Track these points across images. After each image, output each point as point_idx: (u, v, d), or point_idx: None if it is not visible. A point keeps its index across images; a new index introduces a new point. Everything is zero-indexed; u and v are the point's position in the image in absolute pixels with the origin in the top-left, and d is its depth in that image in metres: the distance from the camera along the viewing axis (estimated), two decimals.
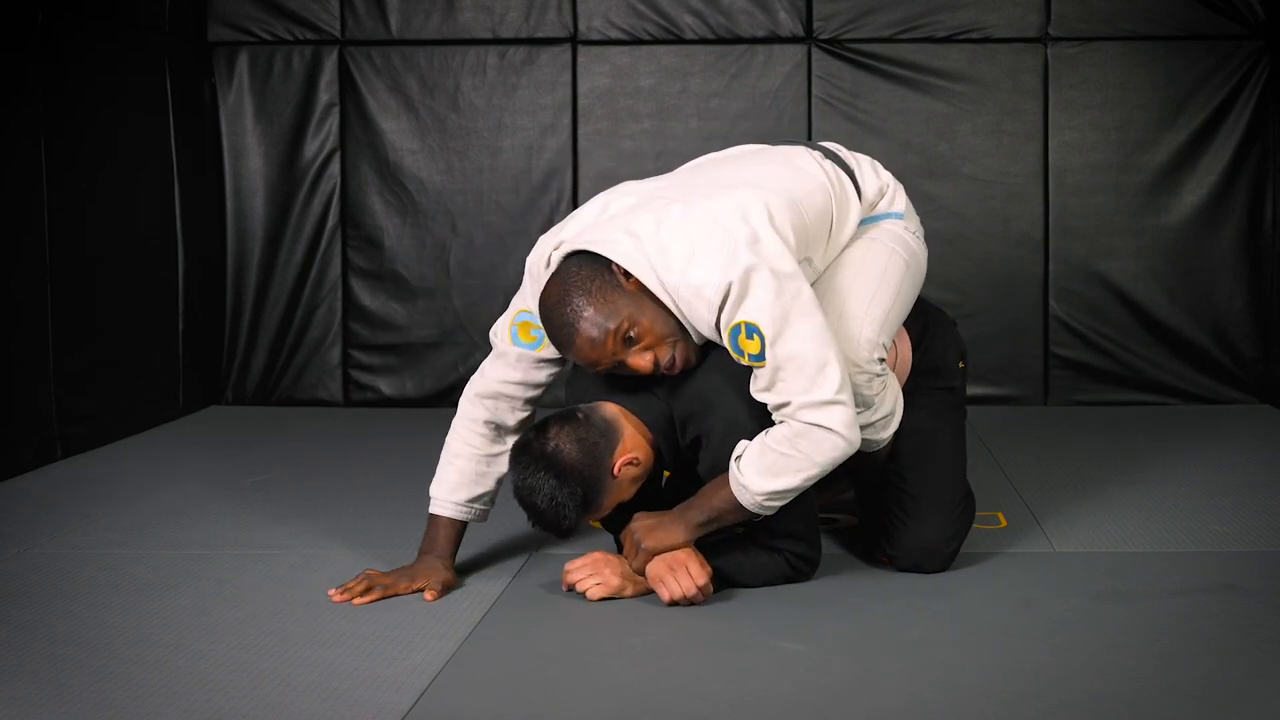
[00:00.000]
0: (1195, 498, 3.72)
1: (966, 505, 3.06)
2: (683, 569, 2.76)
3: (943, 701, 2.29)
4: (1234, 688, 2.32)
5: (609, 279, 2.69)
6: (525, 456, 2.75)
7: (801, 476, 2.70)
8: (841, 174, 2.99)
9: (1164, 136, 5.33)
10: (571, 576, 2.86)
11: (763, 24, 5.38)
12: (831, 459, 2.70)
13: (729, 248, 2.65)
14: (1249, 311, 5.32)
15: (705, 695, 2.32)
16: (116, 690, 2.35)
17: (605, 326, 2.67)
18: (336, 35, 5.45)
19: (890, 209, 3.06)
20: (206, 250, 5.39)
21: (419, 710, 2.27)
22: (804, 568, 2.91)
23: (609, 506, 2.80)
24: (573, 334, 2.69)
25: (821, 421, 2.66)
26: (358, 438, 4.85)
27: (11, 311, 4.19)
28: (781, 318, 2.64)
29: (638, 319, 2.69)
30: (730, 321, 2.66)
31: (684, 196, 2.80)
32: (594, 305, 2.68)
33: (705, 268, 2.66)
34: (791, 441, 2.68)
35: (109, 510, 3.72)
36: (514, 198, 5.48)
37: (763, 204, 2.74)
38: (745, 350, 2.67)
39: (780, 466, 2.69)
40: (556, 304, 2.71)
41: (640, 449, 2.80)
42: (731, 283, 2.63)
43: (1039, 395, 5.39)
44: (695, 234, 2.69)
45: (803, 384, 2.66)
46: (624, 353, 2.72)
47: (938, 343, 3.12)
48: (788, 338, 2.65)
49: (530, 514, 2.76)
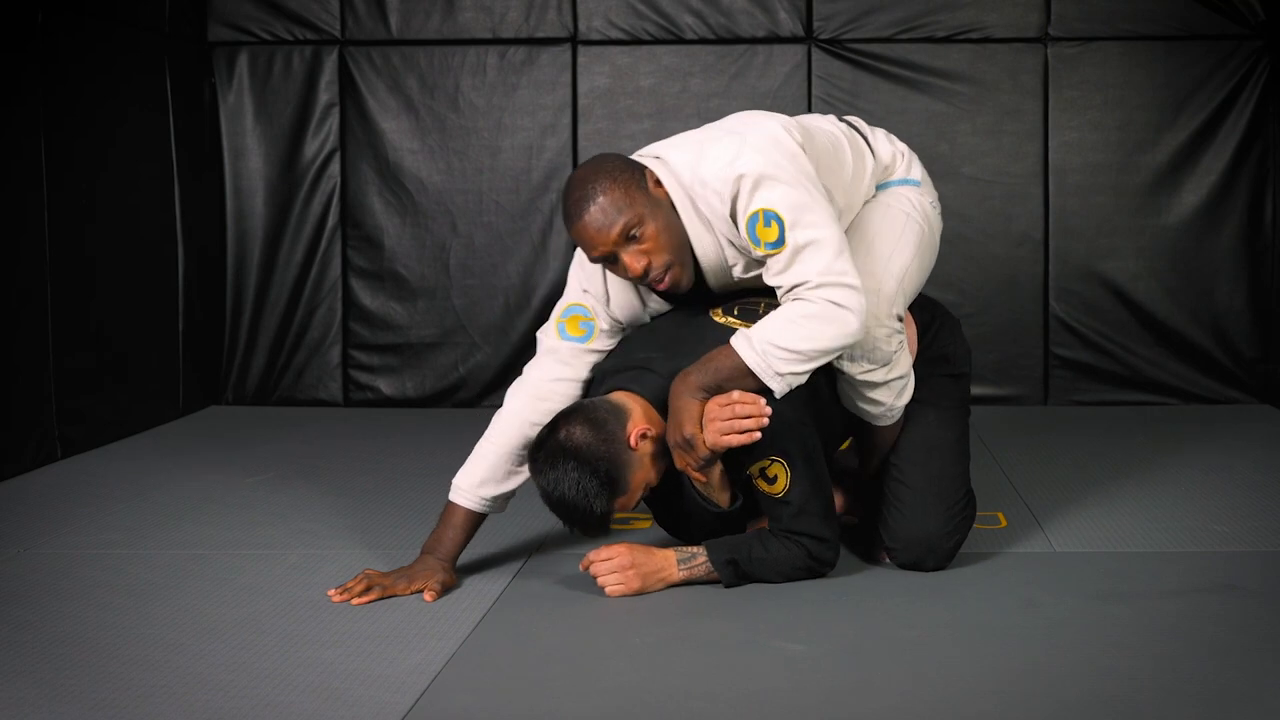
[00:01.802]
0: (1195, 498, 3.72)
1: (968, 504, 3.06)
2: (729, 407, 2.71)
3: (943, 701, 2.29)
4: (1234, 688, 2.32)
5: (638, 178, 2.81)
6: (542, 453, 2.76)
7: (808, 343, 2.71)
8: (853, 130, 3.10)
9: (1164, 136, 5.33)
10: (595, 568, 2.86)
11: (763, 24, 5.38)
12: (838, 339, 2.72)
13: (738, 143, 2.78)
14: (1249, 311, 5.32)
15: (705, 695, 2.32)
16: (116, 690, 2.35)
17: (616, 216, 2.76)
18: (336, 35, 5.45)
19: (907, 176, 3.13)
20: (206, 250, 5.39)
21: (419, 710, 2.27)
22: (825, 556, 2.91)
23: (636, 486, 2.79)
24: (584, 211, 2.77)
25: (838, 299, 2.71)
26: (358, 438, 4.85)
27: (11, 311, 4.19)
28: (799, 205, 2.73)
29: (647, 221, 2.78)
30: (748, 210, 2.75)
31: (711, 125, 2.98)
32: (614, 193, 2.77)
33: (716, 160, 2.77)
34: (803, 312, 2.72)
35: (109, 510, 3.72)
36: (514, 198, 5.48)
37: (776, 120, 2.87)
38: (762, 239, 2.75)
39: (786, 328, 2.71)
40: (581, 180, 2.80)
41: (654, 422, 2.81)
42: (744, 173, 2.73)
43: (1039, 395, 5.39)
44: (709, 138, 2.84)
45: (824, 262, 2.72)
46: (623, 247, 2.79)
47: (945, 333, 3.15)
48: (806, 224, 2.73)
49: (560, 511, 2.75)
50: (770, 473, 2.81)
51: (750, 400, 2.71)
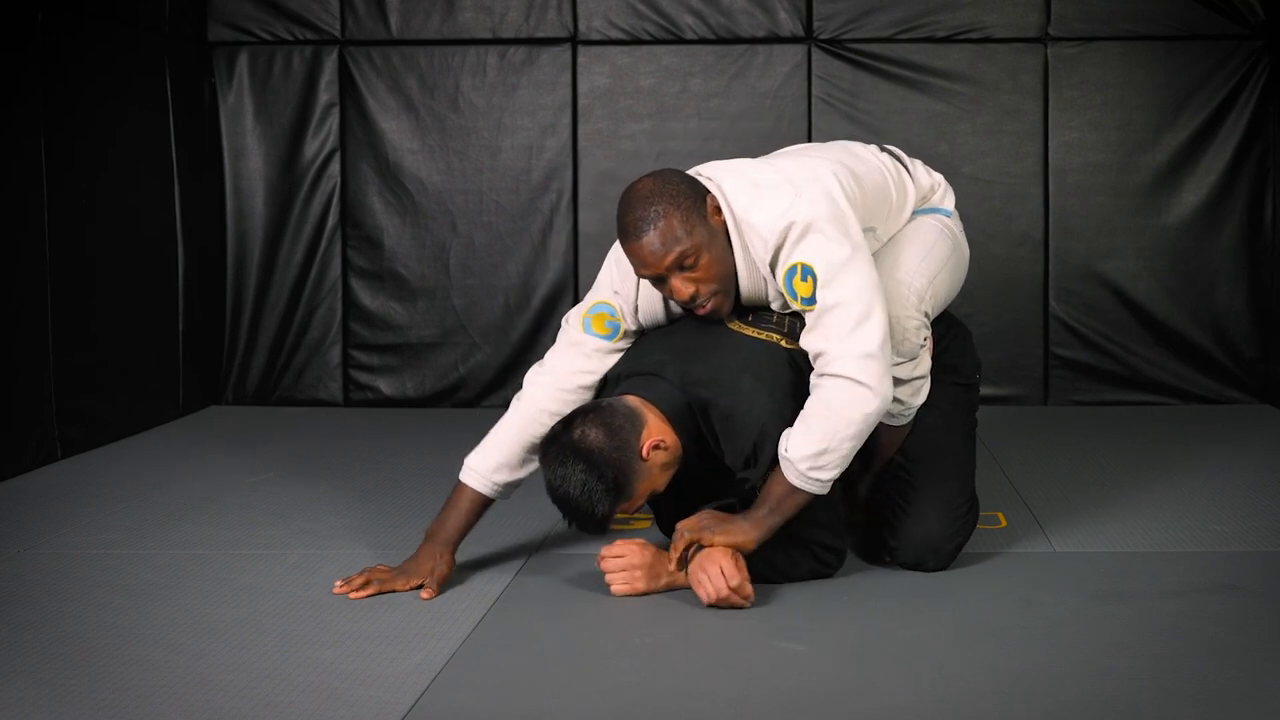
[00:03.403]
0: (1195, 498, 3.72)
1: (971, 508, 3.07)
2: (715, 567, 2.75)
3: (943, 702, 2.29)
4: (1234, 688, 2.32)
5: (700, 205, 2.81)
6: (554, 447, 2.76)
7: (838, 436, 2.72)
8: (898, 163, 3.14)
9: (1164, 136, 5.33)
10: (605, 564, 2.86)
11: (763, 24, 5.38)
12: (864, 415, 2.73)
13: (792, 194, 2.80)
14: (1249, 311, 5.32)
15: (705, 695, 2.32)
16: (116, 690, 2.35)
17: (674, 243, 2.76)
18: (336, 35, 5.45)
19: (941, 205, 3.19)
20: (206, 250, 5.39)
21: (419, 710, 2.27)
22: (831, 559, 2.92)
23: (641, 494, 2.80)
24: (643, 232, 2.77)
25: (853, 374, 2.72)
26: (358, 438, 4.84)
27: (11, 311, 4.19)
28: (837, 265, 2.75)
29: (703, 252, 2.79)
30: (788, 261, 2.77)
31: (768, 160, 3.03)
32: (676, 218, 2.77)
33: (768, 209, 2.80)
34: (824, 403, 2.73)
35: (109, 510, 3.72)
36: (514, 198, 5.48)
37: (830, 171, 2.90)
38: (799, 293, 2.77)
39: (817, 430, 2.72)
40: (643, 199, 2.79)
41: (667, 434, 2.81)
42: (792, 224, 2.76)
43: (1039, 395, 5.39)
44: (765, 180, 2.86)
45: (844, 330, 2.74)
46: (674, 273, 2.80)
47: (957, 344, 3.19)
48: (839, 284, 2.75)
49: (563, 507, 2.75)
50: None
51: (731, 585, 2.73)
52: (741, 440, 2.81)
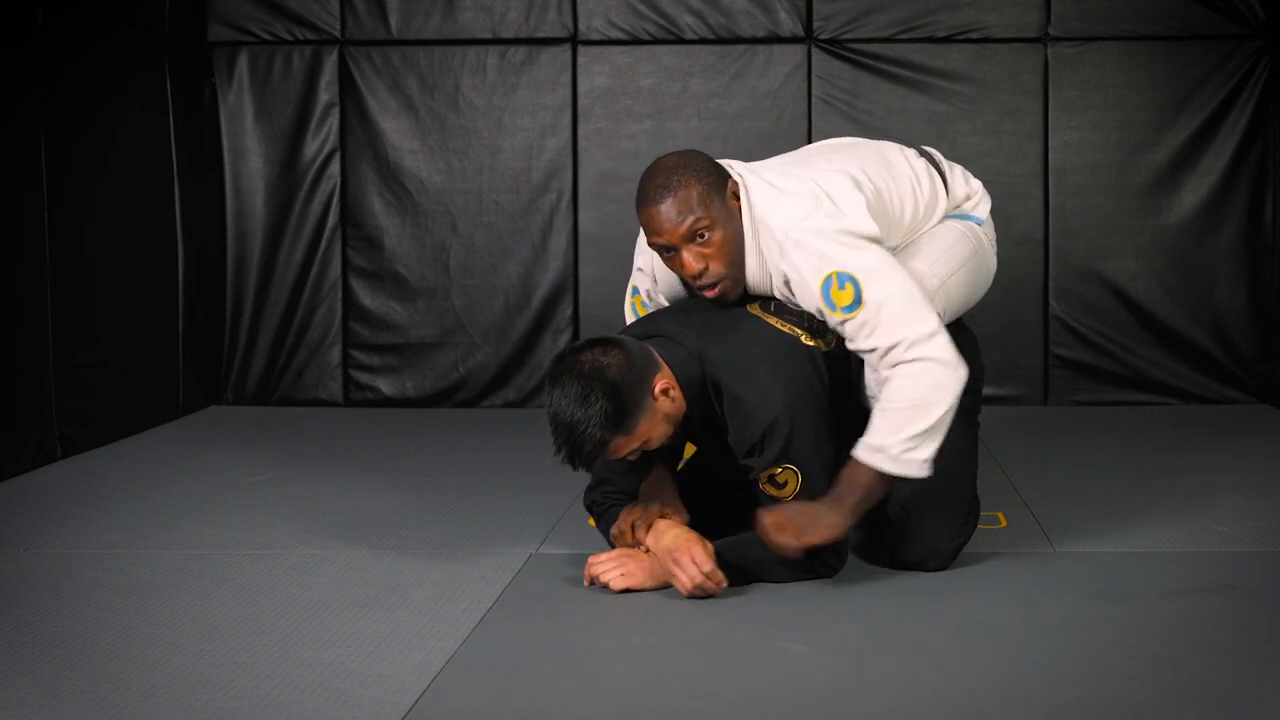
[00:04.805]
0: (1195, 498, 3.71)
1: (972, 510, 3.08)
2: (686, 557, 2.76)
3: (943, 701, 2.29)
4: (1234, 688, 2.32)
5: (720, 185, 2.85)
6: (565, 363, 2.73)
7: (929, 417, 2.74)
8: (932, 170, 3.15)
9: (1164, 136, 5.33)
10: (596, 569, 2.86)
11: (763, 24, 5.38)
12: (950, 387, 2.75)
13: (811, 205, 2.83)
14: (1249, 311, 5.32)
15: (705, 695, 2.32)
16: (116, 690, 2.35)
17: (689, 213, 2.80)
18: (336, 35, 5.45)
19: (973, 212, 3.20)
20: (206, 250, 5.39)
21: (419, 710, 2.27)
22: (832, 560, 2.91)
23: (639, 434, 2.74)
24: (661, 198, 2.81)
25: (929, 354, 2.74)
26: (358, 438, 4.84)
27: (11, 311, 4.19)
28: (871, 265, 2.78)
29: (717, 228, 2.83)
30: (821, 274, 2.77)
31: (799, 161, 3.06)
32: (695, 189, 2.81)
33: (786, 213, 2.83)
34: (906, 389, 2.75)
35: (109, 510, 3.72)
36: (514, 198, 5.48)
37: (850, 178, 2.91)
38: (838, 303, 2.77)
39: (904, 419, 2.74)
40: (667, 169, 2.84)
41: (676, 389, 2.80)
42: (807, 232, 2.78)
43: (1039, 395, 5.39)
44: (787, 184, 2.89)
45: (905, 318, 2.75)
46: (686, 244, 2.82)
47: (963, 348, 3.15)
48: (880, 280, 2.77)
49: (559, 428, 2.69)
50: (780, 478, 2.81)
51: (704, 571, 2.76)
52: (750, 427, 2.79)
